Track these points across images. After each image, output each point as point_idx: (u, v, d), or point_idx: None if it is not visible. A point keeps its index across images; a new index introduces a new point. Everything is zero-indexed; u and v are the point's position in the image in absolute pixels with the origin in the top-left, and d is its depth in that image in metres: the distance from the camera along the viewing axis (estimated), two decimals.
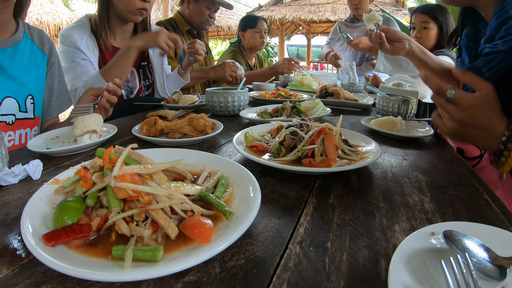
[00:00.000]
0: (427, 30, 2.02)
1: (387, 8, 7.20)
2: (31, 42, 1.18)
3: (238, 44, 2.97)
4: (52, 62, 1.25)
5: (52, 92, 1.26)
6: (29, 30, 1.19)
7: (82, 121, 0.92)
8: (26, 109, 1.14)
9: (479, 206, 0.60)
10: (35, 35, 1.21)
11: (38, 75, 1.20)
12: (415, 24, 2.08)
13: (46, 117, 1.27)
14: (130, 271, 0.35)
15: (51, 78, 1.25)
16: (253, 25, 2.82)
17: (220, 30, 10.08)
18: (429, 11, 2.03)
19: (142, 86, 1.71)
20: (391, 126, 1.08)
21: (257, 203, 0.47)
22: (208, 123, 0.94)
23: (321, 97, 1.66)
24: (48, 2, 7.11)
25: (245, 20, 2.96)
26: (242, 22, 2.93)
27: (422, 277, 0.37)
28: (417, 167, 0.80)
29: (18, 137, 1.12)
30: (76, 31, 1.47)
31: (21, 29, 1.15)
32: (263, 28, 2.85)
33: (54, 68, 1.26)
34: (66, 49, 1.45)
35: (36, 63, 1.19)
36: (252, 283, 0.38)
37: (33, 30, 1.21)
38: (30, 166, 0.67)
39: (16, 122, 1.11)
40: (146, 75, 1.74)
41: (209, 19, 2.30)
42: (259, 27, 2.82)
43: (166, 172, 0.55)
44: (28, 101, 1.15)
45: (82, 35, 1.48)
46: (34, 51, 1.19)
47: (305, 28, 10.99)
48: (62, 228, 0.41)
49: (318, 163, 0.70)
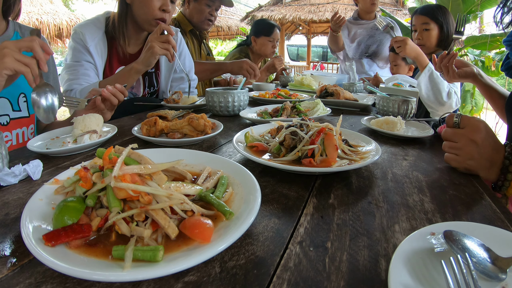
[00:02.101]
0: (428, 31, 2.01)
1: (387, 8, 7.19)
2: None
3: (246, 47, 2.89)
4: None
5: None
6: (20, 29, 1.17)
7: (82, 121, 0.92)
8: (19, 107, 1.13)
9: (479, 206, 0.60)
10: (26, 33, 1.18)
11: None
12: (416, 26, 2.07)
13: None
14: (130, 271, 0.35)
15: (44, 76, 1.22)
16: (268, 33, 2.75)
17: (220, 30, 10.08)
18: (428, 12, 2.03)
19: (145, 93, 1.68)
20: (391, 126, 1.08)
21: (257, 203, 0.47)
22: (208, 123, 0.94)
23: (321, 97, 1.66)
24: (48, 2, 7.10)
25: (260, 25, 2.85)
26: (257, 27, 2.84)
27: (422, 277, 0.37)
28: (417, 167, 0.80)
29: (15, 137, 1.12)
30: (89, 29, 1.44)
31: (11, 28, 1.13)
32: (277, 38, 2.80)
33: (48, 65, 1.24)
34: (75, 47, 1.43)
35: None
36: (252, 283, 0.38)
37: (24, 29, 1.18)
38: (30, 166, 0.67)
39: (11, 122, 1.10)
40: (151, 83, 1.70)
41: (209, 17, 2.26)
42: (273, 36, 2.77)
43: (166, 172, 0.55)
44: (21, 100, 1.14)
45: (95, 35, 1.45)
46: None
47: (305, 28, 10.98)
48: (62, 228, 0.41)
49: (318, 163, 0.70)
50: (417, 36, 2.05)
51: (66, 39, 7.22)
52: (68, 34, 6.83)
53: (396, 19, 3.89)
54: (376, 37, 2.89)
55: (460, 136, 0.76)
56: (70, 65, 1.42)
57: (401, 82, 1.76)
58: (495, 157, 0.73)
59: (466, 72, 1.32)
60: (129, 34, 1.53)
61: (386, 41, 2.83)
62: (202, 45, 2.46)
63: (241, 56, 2.79)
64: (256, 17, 8.82)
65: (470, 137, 0.74)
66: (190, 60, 1.88)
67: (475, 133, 0.74)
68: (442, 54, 1.40)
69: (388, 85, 1.74)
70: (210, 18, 2.27)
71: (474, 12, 4.09)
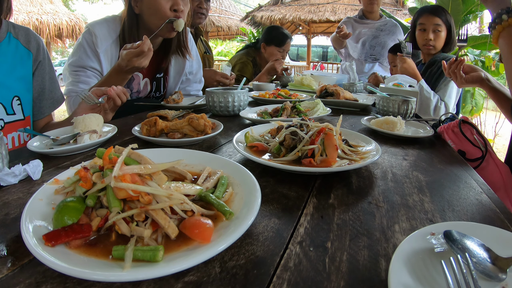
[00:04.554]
0: (439, 32, 2.01)
1: (387, 8, 7.19)
2: (15, 41, 1.12)
3: (254, 51, 2.81)
4: (39, 60, 1.19)
5: (44, 90, 1.22)
6: (13, 29, 1.13)
7: (82, 121, 0.92)
8: (13, 111, 1.10)
9: (479, 206, 0.60)
10: (21, 33, 1.15)
11: (24, 75, 1.15)
12: (426, 26, 2.02)
13: (39, 115, 1.23)
14: (130, 271, 0.35)
15: (41, 77, 1.21)
16: (279, 44, 2.68)
17: (220, 30, 10.07)
18: (440, 13, 2.01)
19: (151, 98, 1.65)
20: (391, 126, 1.08)
21: (257, 203, 0.47)
22: (208, 123, 0.94)
23: (321, 97, 1.66)
24: (48, 2, 7.10)
25: (273, 33, 2.73)
26: (269, 35, 2.72)
27: (422, 277, 0.37)
28: (417, 167, 0.80)
29: (11, 140, 1.10)
30: (103, 31, 1.36)
31: (4, 29, 1.09)
32: (288, 49, 2.74)
33: (43, 66, 1.21)
34: (84, 48, 1.35)
35: (22, 62, 1.14)
36: (252, 283, 0.38)
37: (18, 29, 1.15)
38: (30, 166, 0.67)
39: (6, 126, 1.08)
40: (158, 88, 1.66)
41: (198, 10, 2.15)
42: (284, 48, 2.70)
43: (166, 172, 0.55)
44: (14, 103, 1.11)
45: (108, 38, 1.37)
46: (19, 50, 1.13)
47: (305, 28, 10.97)
48: (62, 228, 0.41)
49: (318, 163, 0.70)
50: (429, 36, 2.02)
51: (66, 39, 7.22)
52: (68, 34, 6.83)
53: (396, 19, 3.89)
54: (381, 38, 2.88)
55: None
56: (74, 64, 1.36)
57: (401, 82, 1.76)
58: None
59: (474, 78, 1.37)
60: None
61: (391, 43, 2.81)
62: (199, 42, 2.38)
63: (248, 59, 2.73)
64: (256, 17, 8.82)
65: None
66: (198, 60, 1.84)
67: None
68: (451, 60, 1.45)
69: (388, 85, 1.74)
70: (199, 11, 2.17)
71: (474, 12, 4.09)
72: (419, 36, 2.06)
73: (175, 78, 1.70)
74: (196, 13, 2.17)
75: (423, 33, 2.04)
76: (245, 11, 11.15)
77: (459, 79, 1.41)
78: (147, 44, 1.16)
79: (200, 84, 1.92)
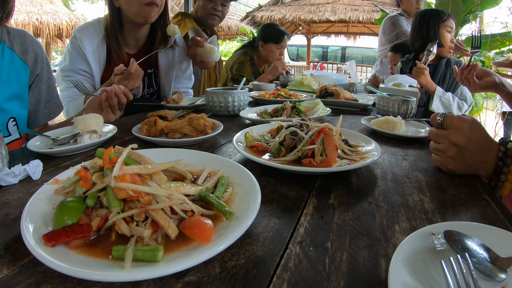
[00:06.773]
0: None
1: (387, 8, 7.18)
2: (10, 53, 1.05)
3: (251, 50, 2.82)
4: (37, 73, 1.14)
5: (40, 101, 1.18)
6: (8, 36, 1.05)
7: (82, 121, 0.92)
8: (9, 132, 1.06)
9: (479, 206, 0.60)
10: (16, 41, 1.07)
11: (20, 92, 1.09)
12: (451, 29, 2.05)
13: (33, 125, 1.19)
14: (130, 271, 0.35)
15: (38, 88, 1.16)
16: (277, 41, 2.69)
17: (220, 30, 10.07)
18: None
19: (145, 94, 1.66)
20: (391, 126, 1.08)
21: (257, 203, 0.47)
22: (208, 123, 0.94)
23: (321, 97, 1.66)
24: (48, 2, 7.10)
25: (270, 31, 2.74)
26: (266, 32, 2.73)
27: (422, 277, 0.37)
28: (417, 167, 0.80)
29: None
30: (88, 34, 1.41)
31: None
32: (285, 45, 2.75)
33: (41, 77, 1.16)
34: (72, 53, 1.41)
35: (18, 78, 1.07)
36: (252, 283, 0.38)
37: (13, 36, 1.07)
38: (30, 166, 0.67)
39: None
40: (151, 83, 1.67)
41: (213, 12, 2.19)
42: (282, 44, 2.71)
43: (166, 172, 0.55)
44: (10, 124, 1.06)
45: (93, 40, 1.41)
46: (15, 62, 1.06)
47: (305, 28, 10.98)
48: (62, 228, 0.41)
49: (318, 163, 0.70)
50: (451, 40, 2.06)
51: (66, 39, 7.22)
52: (68, 34, 6.84)
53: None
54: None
55: (443, 138, 0.74)
56: (65, 69, 1.41)
57: (401, 82, 1.76)
58: (485, 156, 0.70)
59: (488, 83, 1.33)
60: (127, 35, 1.50)
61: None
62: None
63: (245, 58, 2.73)
64: (256, 17, 8.82)
65: (452, 139, 0.71)
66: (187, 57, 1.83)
67: (457, 135, 0.71)
68: (463, 66, 1.43)
69: (388, 85, 1.74)
70: (214, 13, 2.20)
71: (474, 12, 4.09)
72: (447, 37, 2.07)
73: (167, 73, 1.72)
74: (210, 15, 2.21)
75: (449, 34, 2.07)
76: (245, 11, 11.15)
77: (473, 85, 1.37)
78: (134, 66, 1.23)
79: (190, 82, 1.92)
